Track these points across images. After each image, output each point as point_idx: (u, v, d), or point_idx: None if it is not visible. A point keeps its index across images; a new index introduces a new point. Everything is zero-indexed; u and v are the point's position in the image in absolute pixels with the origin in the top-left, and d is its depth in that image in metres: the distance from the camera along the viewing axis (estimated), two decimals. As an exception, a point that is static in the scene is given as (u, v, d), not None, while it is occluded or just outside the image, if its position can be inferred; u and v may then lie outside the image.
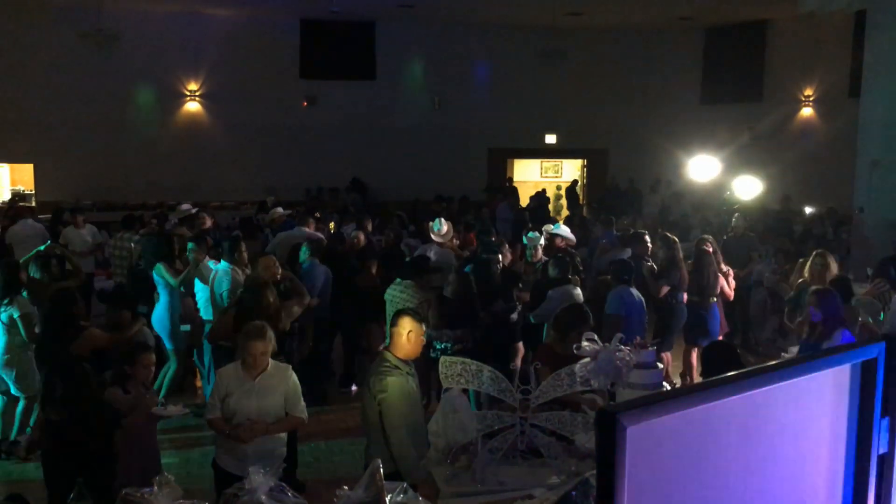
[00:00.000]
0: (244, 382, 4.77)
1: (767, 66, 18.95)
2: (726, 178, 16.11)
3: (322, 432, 7.64)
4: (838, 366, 1.88)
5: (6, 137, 17.21)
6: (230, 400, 4.75)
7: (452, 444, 4.80)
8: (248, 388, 4.75)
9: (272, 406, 4.76)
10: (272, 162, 18.73)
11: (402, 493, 3.32)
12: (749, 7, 16.99)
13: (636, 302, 7.54)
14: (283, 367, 4.96)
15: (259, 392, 4.75)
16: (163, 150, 18.32)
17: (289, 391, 4.84)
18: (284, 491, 3.40)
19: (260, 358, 4.76)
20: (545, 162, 23.23)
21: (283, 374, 4.88)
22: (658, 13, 17.96)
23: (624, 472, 1.45)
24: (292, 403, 4.84)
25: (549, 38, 16.72)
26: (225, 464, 4.76)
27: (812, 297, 5.77)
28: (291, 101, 19.01)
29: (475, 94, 19.88)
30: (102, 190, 17.59)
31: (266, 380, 4.79)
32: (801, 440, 1.87)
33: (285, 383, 4.84)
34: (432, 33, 19.42)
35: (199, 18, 18.31)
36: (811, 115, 18.40)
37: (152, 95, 18.12)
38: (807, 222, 14.13)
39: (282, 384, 4.83)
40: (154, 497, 3.35)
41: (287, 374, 4.89)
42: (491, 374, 4.91)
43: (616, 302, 7.45)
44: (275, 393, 4.79)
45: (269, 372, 4.81)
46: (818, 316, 5.63)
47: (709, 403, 1.61)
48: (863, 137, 11.41)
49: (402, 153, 19.37)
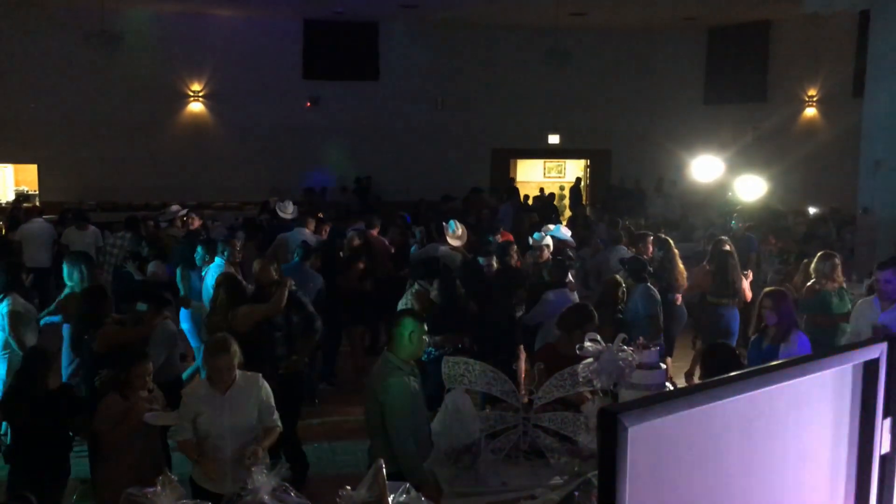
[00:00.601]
0: (214, 398, 4.62)
1: (771, 66, 18.93)
2: (730, 178, 16.08)
3: (324, 432, 7.65)
4: (840, 366, 1.88)
5: (10, 138, 17.26)
6: (201, 419, 4.60)
7: (455, 444, 4.80)
8: (219, 403, 4.60)
9: (246, 419, 4.62)
10: (275, 162, 18.74)
11: (404, 493, 3.32)
12: (752, 7, 16.97)
13: (659, 300, 7.56)
14: (251, 376, 4.78)
15: (231, 406, 4.60)
16: (166, 150, 18.36)
17: (262, 402, 4.69)
18: (288, 491, 3.41)
19: (226, 373, 4.62)
20: (548, 162, 23.22)
21: (254, 385, 4.73)
22: (661, 13, 17.95)
23: (625, 473, 1.45)
24: (266, 414, 4.69)
25: (552, 38, 16.70)
26: (203, 482, 4.59)
27: (767, 299, 5.73)
28: (295, 101, 19.02)
29: (478, 95, 19.86)
30: (106, 190, 17.63)
31: (236, 392, 4.64)
32: (803, 440, 1.87)
33: (256, 394, 4.70)
34: (435, 34, 19.42)
35: (203, 19, 18.34)
36: (815, 115, 18.37)
37: (156, 96, 18.14)
38: (810, 223, 14.09)
39: (253, 395, 4.69)
40: (158, 497, 3.35)
41: (258, 384, 4.74)
42: (494, 374, 4.92)
43: (648, 301, 7.40)
44: (247, 405, 4.65)
45: (238, 384, 4.66)
46: (773, 319, 5.63)
47: (711, 404, 1.61)
48: (866, 138, 11.39)
49: (405, 154, 19.37)
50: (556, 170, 23.42)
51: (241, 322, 6.32)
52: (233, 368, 4.67)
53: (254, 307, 6.52)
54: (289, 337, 6.63)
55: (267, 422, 4.69)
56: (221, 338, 4.79)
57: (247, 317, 6.37)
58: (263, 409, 4.70)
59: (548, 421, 4.89)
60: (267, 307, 6.50)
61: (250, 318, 6.38)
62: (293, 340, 6.64)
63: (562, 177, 23.29)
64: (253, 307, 6.51)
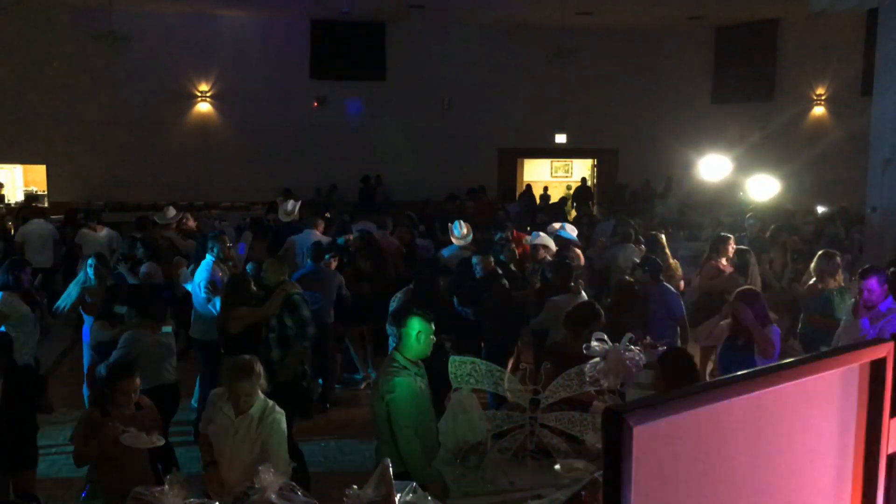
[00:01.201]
0: (226, 416, 4.52)
1: (779, 65, 18.87)
2: (737, 177, 16.04)
3: (331, 431, 7.66)
4: (847, 365, 1.87)
5: (19, 138, 17.37)
6: (211, 427, 4.55)
7: (462, 443, 4.80)
8: (227, 425, 4.49)
9: (246, 454, 4.42)
10: (283, 162, 18.79)
11: (411, 492, 3.33)
12: (760, 6, 16.93)
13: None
14: (270, 414, 4.49)
15: (236, 435, 4.47)
16: (174, 150, 18.44)
17: (270, 445, 4.41)
18: (294, 490, 3.41)
19: (244, 399, 4.46)
20: (555, 162, 23.21)
21: (266, 425, 4.46)
22: (668, 13, 17.92)
23: (630, 473, 1.45)
24: (272, 458, 4.17)
25: (559, 37, 16.68)
26: (205, 485, 4.52)
27: (739, 300, 5.63)
28: (302, 101, 19.06)
29: (485, 94, 19.87)
30: (114, 190, 17.71)
31: (244, 425, 4.46)
32: (810, 440, 1.86)
33: (264, 436, 4.45)
34: (442, 34, 19.43)
35: (210, 20, 18.39)
36: (823, 114, 18.32)
37: (164, 97, 18.21)
38: (819, 222, 14.04)
39: (261, 437, 4.44)
40: (164, 496, 3.36)
41: (272, 426, 4.46)
42: (501, 373, 4.92)
43: (675, 302, 7.32)
44: (252, 443, 4.44)
45: (251, 417, 4.47)
46: (749, 317, 5.57)
47: (716, 403, 1.61)
48: (875, 136, 11.34)
49: (412, 153, 19.39)
50: (562, 169, 23.40)
51: (234, 324, 6.47)
52: (252, 395, 4.50)
53: (250, 310, 6.60)
54: (282, 340, 6.62)
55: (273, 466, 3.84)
56: (244, 362, 4.57)
57: (240, 319, 6.51)
58: (269, 453, 4.35)
59: (555, 420, 4.88)
60: (261, 310, 6.60)
61: (244, 320, 6.51)
62: (288, 344, 6.62)
63: (569, 176, 23.26)
64: (250, 310, 6.59)
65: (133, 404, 4.83)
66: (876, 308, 5.75)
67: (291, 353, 6.62)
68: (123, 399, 4.77)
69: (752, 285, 8.16)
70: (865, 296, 5.76)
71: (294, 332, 6.65)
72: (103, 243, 10.92)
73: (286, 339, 6.61)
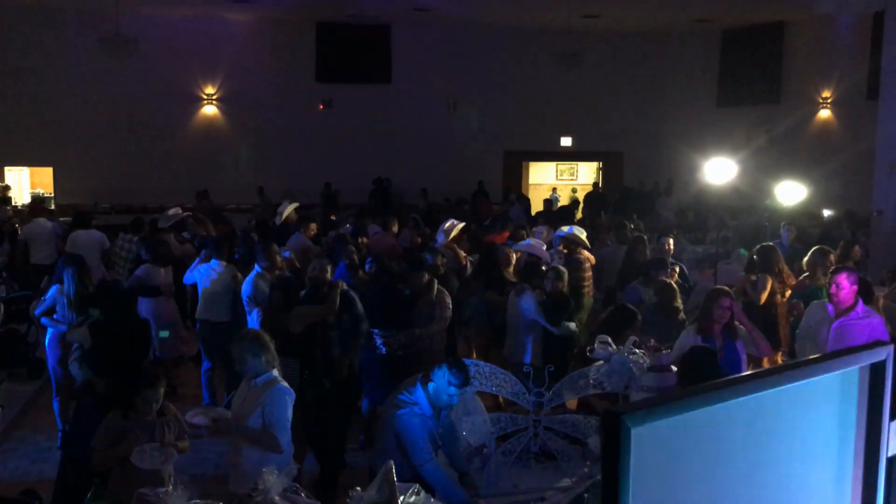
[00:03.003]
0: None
1: (784, 68, 18.81)
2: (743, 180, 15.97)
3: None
4: (847, 368, 1.88)
5: (26, 141, 17.45)
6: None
7: (465, 446, 4.81)
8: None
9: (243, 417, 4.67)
10: (288, 165, 18.82)
11: (414, 494, 3.33)
12: (766, 9, 16.90)
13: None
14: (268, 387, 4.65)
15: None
16: (180, 153, 18.49)
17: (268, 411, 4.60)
18: (298, 492, 3.42)
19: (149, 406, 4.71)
20: (560, 164, 23.18)
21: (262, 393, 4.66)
22: (674, 16, 17.90)
23: (629, 474, 1.45)
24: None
25: (564, 40, 16.69)
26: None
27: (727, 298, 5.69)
28: (307, 104, 19.11)
29: (491, 97, 19.89)
30: (120, 193, 17.77)
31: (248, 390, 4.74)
32: (809, 443, 1.87)
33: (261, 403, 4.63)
34: (448, 36, 19.46)
35: (216, 22, 18.45)
36: (829, 117, 18.24)
37: (170, 99, 18.27)
38: (825, 225, 13.99)
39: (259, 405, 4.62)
40: (169, 497, 3.38)
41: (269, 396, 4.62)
42: (504, 376, 4.92)
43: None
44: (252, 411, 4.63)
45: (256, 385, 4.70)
46: (726, 316, 5.63)
47: (715, 405, 1.61)
48: (881, 139, 11.32)
49: (417, 156, 19.40)
50: (568, 172, 23.36)
51: (296, 323, 6.31)
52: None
53: (311, 308, 6.46)
54: (342, 337, 6.54)
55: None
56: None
57: (302, 318, 6.35)
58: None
59: (558, 424, 4.89)
60: (322, 308, 6.42)
61: (305, 319, 6.37)
62: (346, 341, 6.56)
63: (574, 179, 23.22)
64: (310, 308, 6.45)
65: (156, 413, 4.78)
66: (854, 309, 5.79)
67: (350, 349, 6.57)
68: (146, 408, 4.73)
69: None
70: (833, 289, 5.83)
71: (350, 327, 6.59)
72: (93, 244, 10.64)
73: (345, 336, 6.54)
